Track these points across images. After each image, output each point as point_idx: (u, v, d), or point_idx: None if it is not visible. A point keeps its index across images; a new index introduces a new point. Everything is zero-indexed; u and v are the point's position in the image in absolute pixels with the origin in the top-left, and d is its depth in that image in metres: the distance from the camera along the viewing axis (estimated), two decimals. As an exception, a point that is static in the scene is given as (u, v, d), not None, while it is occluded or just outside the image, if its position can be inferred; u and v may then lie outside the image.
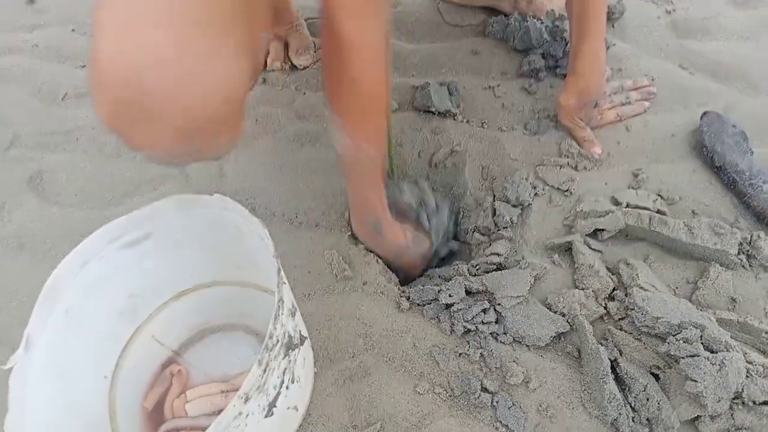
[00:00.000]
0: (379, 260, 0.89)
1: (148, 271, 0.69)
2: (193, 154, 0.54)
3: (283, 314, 0.56)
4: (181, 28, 0.45)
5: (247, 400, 0.52)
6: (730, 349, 0.72)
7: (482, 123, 1.06)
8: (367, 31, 0.69)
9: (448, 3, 1.27)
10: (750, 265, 0.86)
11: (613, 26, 1.21)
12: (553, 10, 1.19)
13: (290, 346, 0.60)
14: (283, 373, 0.59)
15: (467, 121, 1.07)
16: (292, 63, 1.17)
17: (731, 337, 0.77)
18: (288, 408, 0.64)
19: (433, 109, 1.06)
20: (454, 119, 1.07)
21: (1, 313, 0.84)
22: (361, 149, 0.77)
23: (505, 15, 1.20)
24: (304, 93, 1.11)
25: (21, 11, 1.26)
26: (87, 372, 0.66)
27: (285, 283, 0.58)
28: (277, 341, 0.55)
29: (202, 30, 0.46)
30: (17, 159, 1.01)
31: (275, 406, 0.59)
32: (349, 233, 0.92)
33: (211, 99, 0.48)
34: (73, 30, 1.24)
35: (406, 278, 0.94)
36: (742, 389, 0.70)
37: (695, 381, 0.69)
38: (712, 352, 0.72)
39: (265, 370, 0.53)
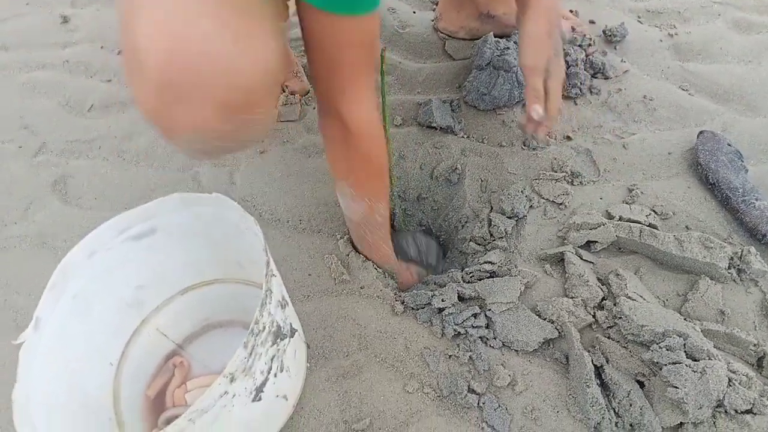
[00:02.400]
0: (377, 267, 0.93)
1: (154, 264, 0.74)
2: (230, 138, 0.56)
3: (270, 303, 0.59)
4: (220, 10, 0.49)
5: (232, 380, 0.55)
6: (712, 358, 0.74)
7: (482, 138, 1.10)
8: (368, 114, 0.76)
9: (452, 38, 1.30)
10: (740, 279, 0.87)
11: (615, 48, 1.24)
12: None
13: (279, 335, 0.64)
14: (272, 360, 0.63)
15: (468, 137, 1.11)
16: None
17: (716, 347, 0.78)
18: (277, 396, 0.68)
19: (435, 125, 1.10)
20: (455, 134, 1.11)
21: (21, 303, 0.90)
22: (373, 209, 0.85)
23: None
24: (313, 107, 1.16)
25: (55, 29, 1.36)
26: (93, 357, 0.71)
27: (275, 275, 0.62)
28: (264, 328, 0.59)
29: (240, 13, 0.50)
30: (44, 164, 1.08)
31: (263, 392, 0.62)
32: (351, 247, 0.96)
33: (251, 73, 0.51)
34: (102, 47, 1.32)
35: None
36: (724, 397, 0.71)
37: (676, 387, 0.71)
38: (694, 360, 0.74)
39: (251, 354, 0.57)
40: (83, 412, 0.65)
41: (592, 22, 1.29)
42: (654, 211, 0.96)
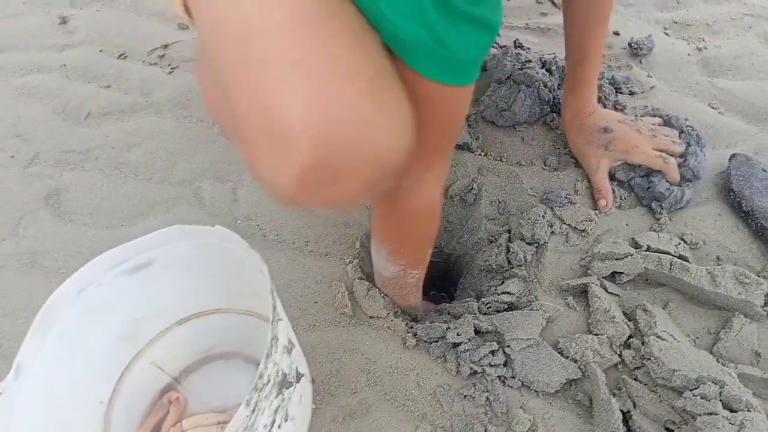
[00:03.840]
0: (386, 296, 0.88)
1: (149, 297, 0.69)
2: (368, 198, 0.53)
3: (276, 352, 0.54)
4: (365, 84, 0.44)
5: (233, 440, 0.50)
6: (752, 409, 0.68)
7: (500, 157, 1.04)
8: (431, 193, 0.70)
9: None
10: (777, 318, 0.82)
11: (641, 62, 1.19)
12: None
13: (284, 385, 0.58)
14: (275, 411, 0.58)
15: (485, 154, 1.05)
16: None
17: (753, 394, 0.73)
18: (280, 447, 0.62)
19: (451, 141, 1.04)
20: (472, 152, 1.05)
21: (8, 327, 0.85)
22: (407, 273, 0.82)
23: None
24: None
25: (53, 31, 1.30)
26: (81, 397, 0.65)
27: (281, 319, 0.57)
28: (269, 380, 0.53)
29: (387, 82, 0.46)
30: (36, 176, 1.03)
31: (265, 446, 0.57)
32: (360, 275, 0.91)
33: (401, 150, 0.48)
34: (101, 51, 1.26)
35: None
36: (765, 454, 0.66)
37: (712, 441, 0.66)
38: (731, 411, 0.68)
39: (253, 411, 0.52)
40: (69, 459, 0.60)
41: (616, 33, 1.23)
42: (683, 240, 0.91)
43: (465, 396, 0.76)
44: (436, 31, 0.48)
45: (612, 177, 0.98)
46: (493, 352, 0.79)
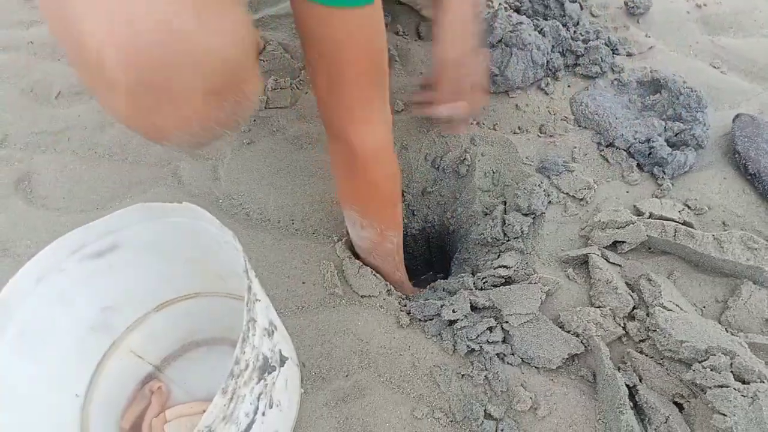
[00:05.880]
0: (377, 274, 0.83)
1: (121, 283, 0.64)
2: (223, 123, 0.49)
3: (254, 335, 0.50)
4: None
5: (210, 432, 0.46)
6: (765, 380, 0.65)
7: (493, 125, 0.99)
8: (380, 137, 0.70)
9: None
10: (787, 284, 0.78)
11: (638, 21, 1.13)
12: None
13: (266, 369, 0.54)
14: (258, 398, 0.54)
15: (477, 123, 1.00)
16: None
17: (766, 364, 0.69)
18: (267, 436, 0.58)
19: (441, 110, 0.99)
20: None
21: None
22: (384, 237, 0.80)
23: None
24: (306, 92, 1.05)
25: (18, 6, 1.23)
26: (54, 392, 0.61)
27: (259, 300, 0.53)
28: (246, 366, 0.49)
29: None
30: (5, 160, 0.97)
31: (249, 436, 0.53)
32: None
33: (227, 48, 0.44)
34: (71, 27, 1.20)
35: None
36: (779, 426, 0.63)
37: (724, 415, 0.63)
38: (743, 382, 0.65)
39: (231, 399, 0.48)
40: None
41: (612, -8, 1.17)
42: (687, 205, 0.87)
43: (463, 375, 0.73)
44: None
45: (611, 144, 0.94)
46: (490, 329, 0.75)
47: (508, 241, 0.86)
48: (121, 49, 0.39)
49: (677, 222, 0.83)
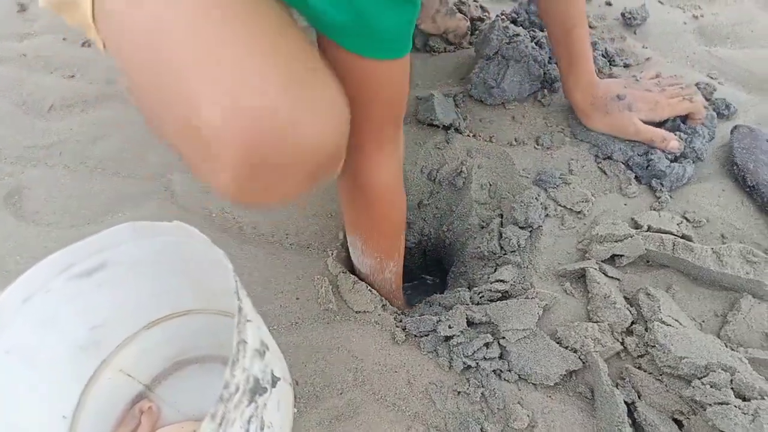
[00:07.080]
0: (372, 290, 0.82)
1: (110, 301, 0.63)
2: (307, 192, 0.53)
3: (245, 357, 0.49)
4: (288, 82, 0.43)
5: (198, 459, 0.45)
6: (766, 397, 0.64)
7: (490, 137, 0.99)
8: (389, 177, 0.71)
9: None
10: (787, 298, 0.77)
11: (635, 32, 1.13)
12: None
13: (257, 391, 0.53)
14: (248, 421, 0.52)
15: (474, 135, 0.99)
16: None
17: (767, 380, 0.68)
18: (258, 459, 0.57)
19: (438, 122, 0.99)
20: (460, 133, 0.99)
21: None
22: (383, 267, 0.81)
23: None
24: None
25: (11, 19, 1.23)
26: (40, 414, 0.60)
27: (250, 320, 0.51)
28: (237, 389, 0.48)
29: (302, 65, 0.45)
30: (-4, 174, 0.96)
31: (239, 460, 0.52)
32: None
33: (336, 135, 0.47)
34: (64, 39, 1.19)
35: None
36: (781, 444, 0.62)
37: (725, 433, 0.61)
38: (744, 399, 0.64)
39: (220, 424, 0.46)
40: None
41: (608, 3, 1.17)
42: (685, 218, 0.86)
43: (459, 392, 0.72)
44: (358, 10, 0.47)
45: (608, 157, 0.93)
46: (487, 345, 0.74)
47: (505, 254, 0.85)
48: (236, 139, 0.40)
49: (676, 235, 0.82)
